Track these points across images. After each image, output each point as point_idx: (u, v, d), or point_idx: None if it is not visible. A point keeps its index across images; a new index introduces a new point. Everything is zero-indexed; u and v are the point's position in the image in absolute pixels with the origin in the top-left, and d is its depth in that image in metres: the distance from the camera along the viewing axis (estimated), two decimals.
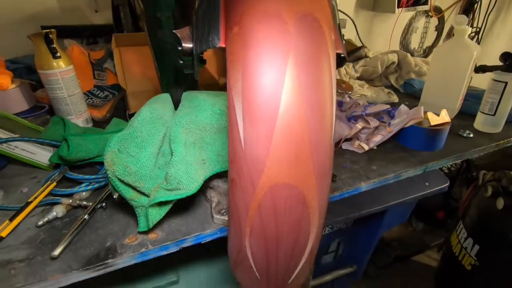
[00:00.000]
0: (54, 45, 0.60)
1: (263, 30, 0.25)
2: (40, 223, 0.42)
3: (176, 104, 0.41)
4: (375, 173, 0.52)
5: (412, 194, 0.91)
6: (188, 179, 0.34)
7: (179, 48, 0.31)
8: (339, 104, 0.65)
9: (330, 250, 1.11)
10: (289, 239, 0.28)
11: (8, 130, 0.53)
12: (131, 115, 0.67)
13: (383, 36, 1.53)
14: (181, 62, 0.31)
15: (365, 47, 0.97)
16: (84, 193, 0.47)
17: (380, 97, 0.84)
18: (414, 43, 1.66)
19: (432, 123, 0.56)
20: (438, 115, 0.57)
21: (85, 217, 0.42)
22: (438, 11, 1.54)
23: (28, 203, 0.44)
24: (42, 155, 0.53)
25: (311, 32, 0.26)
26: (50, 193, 0.47)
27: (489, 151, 0.61)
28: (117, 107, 0.80)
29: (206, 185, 0.43)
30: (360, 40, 1.29)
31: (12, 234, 0.41)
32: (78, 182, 0.49)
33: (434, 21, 1.63)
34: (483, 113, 0.66)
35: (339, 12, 1.23)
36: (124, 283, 0.52)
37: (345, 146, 0.59)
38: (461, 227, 1.34)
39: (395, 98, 0.83)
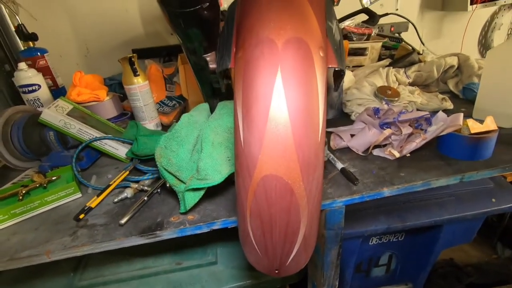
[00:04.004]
0: (135, 66, 0.77)
1: (257, 51, 0.32)
2: (115, 200, 0.56)
3: (213, 111, 0.50)
4: (401, 180, 0.52)
5: (472, 211, 0.82)
6: (213, 171, 0.42)
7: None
8: (376, 111, 0.66)
9: (381, 263, 1.07)
10: (281, 222, 0.33)
11: (101, 131, 0.71)
12: None
13: (454, 37, 1.39)
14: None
15: (419, 52, 0.92)
16: (147, 181, 0.60)
17: (432, 103, 0.79)
18: (498, 41, 1.46)
19: (473, 131, 0.52)
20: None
21: (145, 198, 0.54)
22: None
23: (109, 185, 0.59)
24: (122, 150, 0.70)
25: (297, 51, 0.31)
26: (124, 179, 0.61)
27: None
28: (181, 114, 0.96)
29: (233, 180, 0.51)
30: (422, 43, 1.21)
31: (98, 206, 0.56)
32: (144, 172, 0.63)
33: None
34: None
35: (399, 16, 1.19)
36: (174, 259, 0.64)
37: (376, 152, 0.60)
38: None
39: (448, 105, 0.77)
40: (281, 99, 0.31)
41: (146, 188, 0.58)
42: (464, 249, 1.69)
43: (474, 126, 0.52)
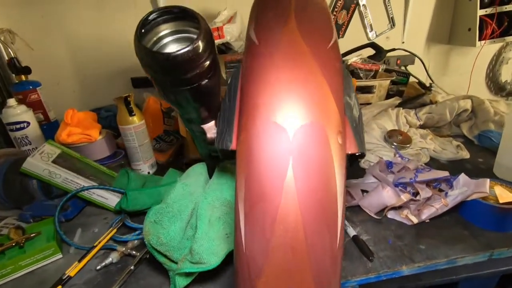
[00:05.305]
0: (131, 106, 0.73)
1: (264, 138, 0.26)
2: (98, 267, 0.49)
3: (210, 172, 0.45)
4: (422, 255, 0.46)
5: (491, 268, 0.75)
6: (209, 255, 0.36)
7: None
8: (388, 165, 0.60)
9: None
10: None
11: (89, 175, 0.65)
12: (186, 164, 0.75)
13: (462, 71, 1.36)
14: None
15: (429, 93, 0.88)
16: (136, 241, 0.54)
17: (447, 151, 0.74)
18: (506, 75, 1.43)
19: (502, 201, 0.47)
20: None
21: (131, 267, 0.48)
22: None
23: (93, 247, 0.53)
24: (112, 200, 0.64)
25: (312, 140, 0.26)
26: (111, 238, 0.55)
27: None
28: (179, 152, 0.90)
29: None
30: (430, 78, 1.17)
31: (78, 274, 0.50)
32: (133, 229, 0.57)
33: None
34: None
35: (406, 51, 1.16)
36: None
37: (391, 215, 0.54)
38: None
39: (465, 154, 0.72)
40: (293, 198, 0.25)
41: (133, 252, 0.51)
42: None
43: (503, 195, 0.47)
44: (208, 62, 0.27)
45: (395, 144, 0.75)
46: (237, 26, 1.07)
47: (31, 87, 0.84)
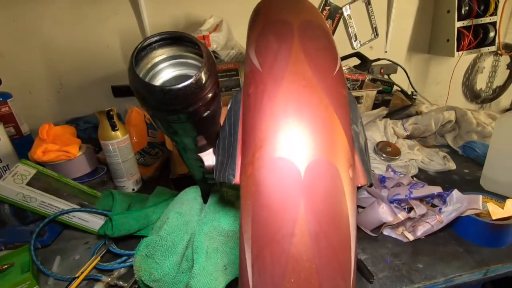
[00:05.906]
0: (114, 120, 0.69)
1: (272, 176, 0.25)
2: None
3: (205, 196, 0.43)
4: (420, 275, 0.46)
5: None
6: None
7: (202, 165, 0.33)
8: (381, 179, 0.60)
9: None
10: None
11: (68, 196, 0.60)
12: (173, 180, 0.71)
13: (441, 79, 1.41)
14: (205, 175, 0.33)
15: (415, 105, 0.90)
16: (122, 269, 0.51)
17: (434, 163, 0.75)
18: (481, 83, 1.50)
19: (495, 217, 0.48)
20: (502, 202, 0.49)
21: None
22: (509, 48, 1.38)
23: (75, 278, 0.49)
24: (94, 222, 0.59)
25: (325, 177, 0.25)
26: (94, 267, 0.51)
27: None
28: (165, 166, 0.86)
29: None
30: (412, 87, 1.21)
31: None
32: (118, 255, 0.53)
33: (504, 59, 1.46)
34: None
35: (390, 61, 1.18)
36: None
37: (387, 231, 0.54)
38: None
39: (451, 165, 0.74)
40: (304, 244, 0.23)
41: (120, 283, 0.48)
42: None
43: (495, 212, 0.48)
44: (211, 94, 0.25)
45: (384, 155, 0.75)
46: (223, 35, 1.05)
47: (1, 99, 0.78)
